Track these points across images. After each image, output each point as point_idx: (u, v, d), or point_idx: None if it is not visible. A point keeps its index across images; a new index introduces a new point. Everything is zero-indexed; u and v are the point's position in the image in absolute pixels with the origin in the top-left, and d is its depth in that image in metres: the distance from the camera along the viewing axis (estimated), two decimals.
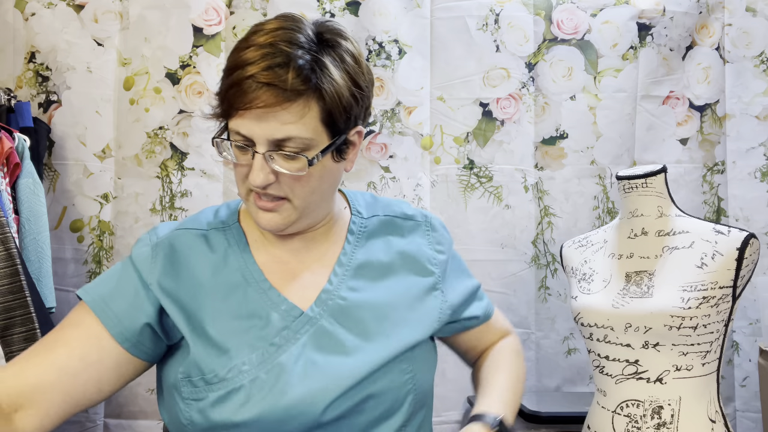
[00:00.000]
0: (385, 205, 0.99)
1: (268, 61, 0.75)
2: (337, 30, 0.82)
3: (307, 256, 0.90)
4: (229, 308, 0.84)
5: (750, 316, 2.03)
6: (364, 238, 0.93)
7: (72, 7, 1.95)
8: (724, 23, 2.06)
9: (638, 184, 1.35)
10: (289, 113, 0.76)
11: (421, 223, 0.99)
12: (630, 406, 1.26)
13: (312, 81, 0.76)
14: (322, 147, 0.80)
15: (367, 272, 0.90)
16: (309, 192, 0.83)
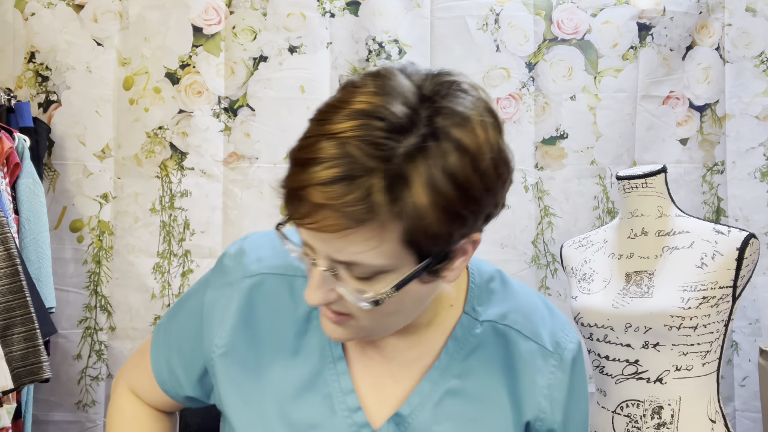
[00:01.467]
0: (512, 308, 0.73)
1: (334, 169, 0.52)
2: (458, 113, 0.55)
3: (396, 357, 0.71)
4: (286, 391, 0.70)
5: (750, 316, 2.03)
6: (469, 350, 0.71)
7: (72, 7, 1.95)
8: (724, 23, 2.06)
9: (638, 184, 1.35)
10: (358, 239, 0.55)
11: (549, 353, 0.72)
12: (630, 406, 1.26)
13: (389, 202, 0.53)
14: (405, 273, 0.58)
15: (455, 402, 0.70)
16: (382, 316, 0.63)
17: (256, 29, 1.98)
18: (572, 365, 0.74)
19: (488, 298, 0.73)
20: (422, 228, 0.55)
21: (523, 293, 0.76)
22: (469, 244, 0.60)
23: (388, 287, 0.58)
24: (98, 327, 1.94)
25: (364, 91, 0.55)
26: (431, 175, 0.53)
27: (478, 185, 0.55)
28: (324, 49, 1.99)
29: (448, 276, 0.62)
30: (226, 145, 1.97)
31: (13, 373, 1.43)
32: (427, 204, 0.53)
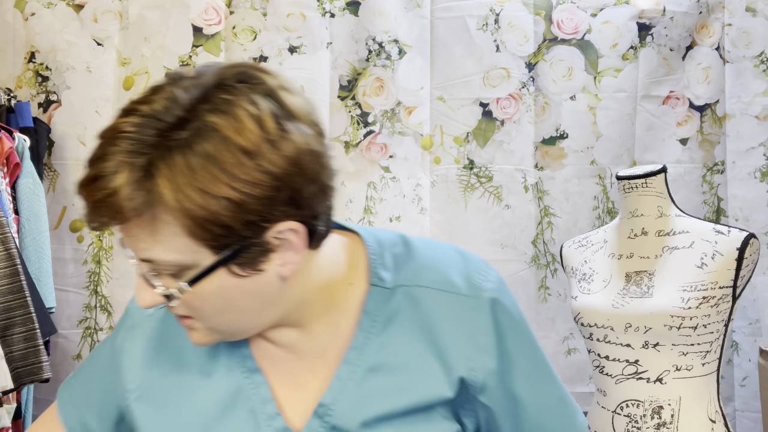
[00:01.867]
0: (420, 266, 0.71)
1: (97, 167, 0.56)
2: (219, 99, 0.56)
3: (308, 350, 0.70)
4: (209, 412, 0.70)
5: (750, 316, 2.03)
6: (384, 322, 0.69)
7: (72, 7, 1.95)
8: (724, 23, 2.06)
9: (638, 184, 1.35)
10: (141, 232, 0.58)
11: (465, 298, 0.69)
12: (630, 406, 1.26)
13: (145, 193, 0.55)
14: (202, 268, 0.59)
15: (382, 380, 0.68)
16: (214, 315, 0.63)
17: (256, 29, 1.98)
18: (493, 304, 0.69)
19: (393, 264, 0.71)
20: (200, 219, 0.56)
21: (431, 247, 0.73)
22: (289, 234, 0.59)
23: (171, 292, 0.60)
24: (98, 327, 1.94)
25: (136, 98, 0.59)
26: (190, 165, 0.54)
27: (247, 172, 0.55)
28: (324, 49, 1.99)
29: (282, 271, 0.61)
30: None
31: (13, 373, 1.43)
32: (192, 195, 0.55)
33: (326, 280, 0.68)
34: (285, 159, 0.56)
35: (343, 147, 2.00)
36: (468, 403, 0.69)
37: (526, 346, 0.71)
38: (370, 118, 2.00)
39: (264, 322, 0.66)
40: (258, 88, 0.58)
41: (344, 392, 0.68)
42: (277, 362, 0.70)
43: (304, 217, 0.60)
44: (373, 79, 2.00)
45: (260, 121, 0.56)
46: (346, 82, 2.00)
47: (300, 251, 0.61)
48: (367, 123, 2.00)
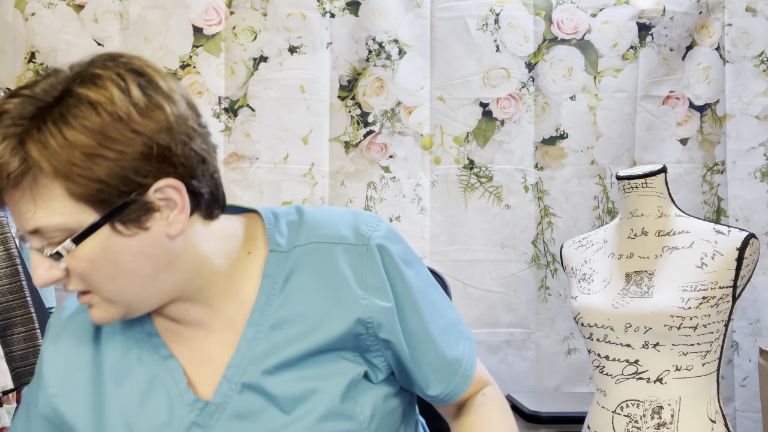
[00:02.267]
0: (313, 227, 0.76)
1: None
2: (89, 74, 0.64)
3: (213, 324, 0.74)
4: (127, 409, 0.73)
5: (750, 316, 2.03)
6: (283, 281, 0.74)
7: (72, 7, 1.95)
8: (724, 23, 2.06)
9: (638, 184, 1.35)
10: (24, 201, 0.62)
11: (354, 246, 0.74)
12: (630, 406, 1.26)
13: (21, 160, 0.60)
14: (86, 226, 0.63)
15: (285, 332, 0.72)
16: (108, 280, 0.66)
17: (256, 29, 1.98)
18: (380, 249, 0.75)
19: (288, 230, 0.76)
20: (76, 178, 0.61)
21: (323, 211, 0.79)
22: (169, 191, 0.65)
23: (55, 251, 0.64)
24: None
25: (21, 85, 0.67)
26: (61, 130, 0.60)
27: (118, 132, 0.61)
28: (324, 49, 1.99)
29: (168, 230, 0.66)
30: (227, 145, 1.97)
31: (13, 372, 1.43)
32: (60, 158, 0.60)
33: (224, 251, 0.73)
34: (152, 121, 0.63)
35: (343, 147, 2.00)
36: (372, 342, 0.74)
37: (413, 284, 0.77)
38: (370, 118, 2.00)
39: (160, 290, 0.69)
40: (124, 65, 0.65)
41: (250, 351, 0.72)
42: (189, 342, 0.74)
43: (181, 175, 0.65)
44: (373, 79, 2.00)
45: (127, 90, 0.63)
46: (346, 82, 2.01)
47: (184, 210, 0.66)
48: (367, 123, 2.00)
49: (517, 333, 2.03)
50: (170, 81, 0.67)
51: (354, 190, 1.99)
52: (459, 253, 2.02)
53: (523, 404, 1.76)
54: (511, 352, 2.03)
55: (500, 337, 2.02)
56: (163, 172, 0.64)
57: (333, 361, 0.73)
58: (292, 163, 1.97)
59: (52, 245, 0.64)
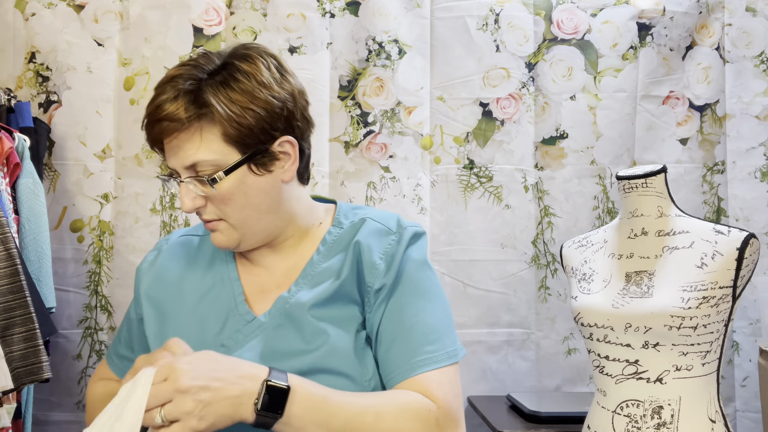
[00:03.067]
0: (368, 212, 0.97)
1: (160, 98, 0.83)
2: (241, 53, 0.86)
3: (277, 269, 0.93)
4: (198, 311, 0.91)
5: (750, 316, 2.03)
6: (335, 245, 0.93)
7: (72, 7, 1.95)
8: (724, 23, 2.06)
9: (638, 184, 1.35)
10: (188, 141, 0.83)
11: (391, 231, 0.93)
12: (630, 406, 1.26)
13: (196, 108, 0.81)
14: (233, 162, 0.84)
15: (322, 279, 0.90)
16: (239, 209, 0.86)
17: (256, 30, 1.98)
18: (410, 240, 0.92)
19: (353, 215, 0.96)
20: (231, 126, 0.82)
21: (384, 211, 0.98)
22: (287, 146, 0.87)
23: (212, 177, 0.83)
24: (98, 327, 1.94)
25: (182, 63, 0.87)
26: (228, 88, 0.83)
27: (263, 92, 0.83)
28: (324, 49, 1.99)
29: (284, 176, 0.88)
30: None
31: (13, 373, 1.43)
32: (226, 107, 0.82)
33: (306, 216, 0.94)
34: (285, 91, 0.86)
35: (343, 147, 2.00)
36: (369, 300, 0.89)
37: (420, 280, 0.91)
38: (370, 118, 2.00)
39: (266, 228, 0.90)
40: (264, 51, 0.88)
41: (297, 290, 0.89)
42: (255, 277, 0.94)
43: (296, 135, 0.88)
44: (373, 79, 2.00)
45: (269, 67, 0.86)
46: (346, 82, 2.01)
47: (295, 162, 0.89)
48: (367, 123, 2.00)
49: (517, 333, 2.03)
50: (287, 66, 0.90)
51: (354, 190, 1.99)
52: (459, 253, 2.02)
53: (523, 404, 1.76)
54: (511, 352, 2.03)
55: (500, 337, 2.02)
56: (288, 130, 0.86)
57: (348, 310, 0.88)
58: None
59: (203, 176, 0.83)
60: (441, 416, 0.81)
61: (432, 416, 0.80)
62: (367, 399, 0.80)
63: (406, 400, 0.80)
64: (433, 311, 0.89)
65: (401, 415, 0.79)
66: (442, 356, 0.85)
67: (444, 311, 0.91)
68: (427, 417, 0.80)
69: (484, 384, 2.00)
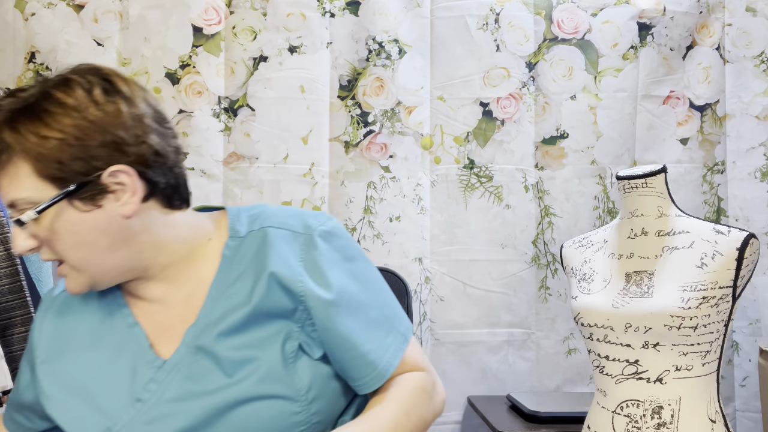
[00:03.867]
0: (267, 216, 0.88)
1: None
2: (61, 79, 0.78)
3: (173, 301, 0.85)
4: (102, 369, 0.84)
5: (750, 316, 2.03)
6: (238, 261, 0.85)
7: (72, 7, 1.95)
8: (724, 23, 2.06)
9: (638, 184, 1.35)
10: (2, 178, 0.77)
11: (299, 234, 0.85)
12: (630, 406, 1.26)
13: (2, 143, 0.76)
14: (48, 200, 0.76)
15: (233, 301, 0.83)
16: (71, 250, 0.79)
17: (256, 29, 1.98)
18: (323, 239, 0.85)
19: (249, 221, 0.88)
20: (39, 161, 0.75)
21: (282, 208, 0.91)
22: (122, 177, 0.77)
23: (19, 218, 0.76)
24: None
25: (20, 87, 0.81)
26: (30, 118, 0.75)
27: (70, 120, 0.75)
28: (324, 49, 1.99)
29: (122, 210, 0.78)
30: (226, 145, 1.97)
31: (13, 372, 1.43)
32: (32, 142, 0.75)
33: (184, 238, 0.84)
34: (108, 115, 0.76)
35: (343, 147, 2.00)
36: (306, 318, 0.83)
37: (351, 277, 0.85)
38: (370, 117, 2.00)
39: (120, 265, 0.81)
40: (96, 73, 0.79)
41: (206, 318, 0.82)
42: (153, 315, 0.86)
43: (132, 163, 0.78)
44: (373, 78, 2.00)
45: (89, 90, 0.77)
46: (346, 82, 2.00)
47: (135, 193, 0.78)
48: (367, 123, 2.00)
49: (517, 333, 2.03)
50: (134, 88, 0.81)
51: (354, 189, 1.99)
52: (459, 253, 2.02)
53: (523, 404, 1.77)
54: (511, 352, 2.02)
55: (500, 337, 2.02)
56: (117, 160, 0.77)
57: (271, 327, 0.82)
58: (292, 163, 1.97)
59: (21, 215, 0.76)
60: (431, 378, 0.89)
61: (429, 382, 0.88)
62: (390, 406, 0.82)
63: (413, 385, 0.85)
64: (378, 303, 0.88)
65: (418, 400, 0.85)
66: (401, 340, 0.88)
67: (386, 297, 0.90)
68: (429, 386, 0.88)
69: (484, 384, 2.00)
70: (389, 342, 0.86)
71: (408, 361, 0.88)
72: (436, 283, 2.01)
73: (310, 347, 0.83)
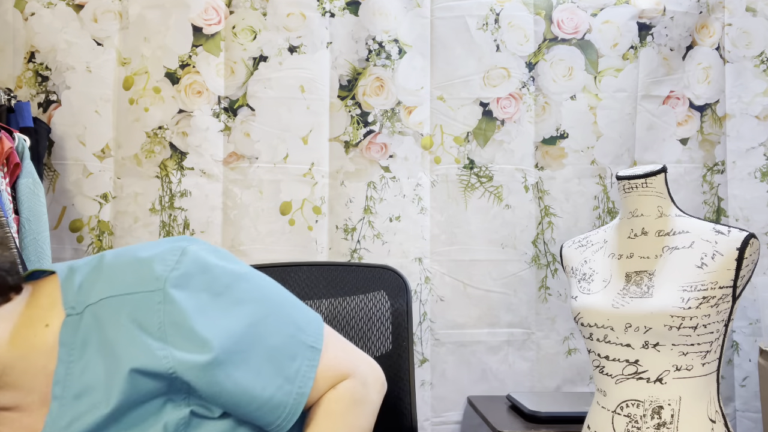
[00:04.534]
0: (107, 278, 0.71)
1: None
2: None
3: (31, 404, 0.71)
4: None
5: (750, 316, 2.03)
6: (80, 346, 0.69)
7: (71, 7, 1.95)
8: (724, 23, 2.06)
9: (638, 184, 1.35)
10: None
11: (150, 293, 0.69)
12: (630, 406, 1.26)
13: None
14: None
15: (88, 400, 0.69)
16: None
17: (256, 29, 1.98)
18: (179, 288, 0.69)
19: (82, 287, 0.71)
20: None
21: (123, 255, 0.73)
22: None
23: None
24: None
25: None
26: None
27: None
28: (324, 48, 1.99)
29: None
30: (226, 145, 1.97)
31: None
32: None
33: (19, 333, 0.69)
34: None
35: (343, 147, 2.00)
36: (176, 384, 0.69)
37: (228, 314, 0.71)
38: (370, 117, 2.00)
39: None
40: None
41: (55, 426, 0.68)
42: (14, 422, 0.71)
43: None
44: (373, 78, 2.00)
45: None
46: (346, 82, 2.00)
47: None
48: (367, 123, 2.00)
49: (517, 333, 2.03)
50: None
51: (354, 189, 1.99)
52: (459, 253, 2.02)
53: (523, 404, 1.76)
54: (511, 352, 2.02)
55: (500, 337, 2.02)
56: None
57: (144, 410, 0.70)
58: (292, 163, 1.97)
59: None
60: (360, 379, 0.79)
61: (358, 388, 0.78)
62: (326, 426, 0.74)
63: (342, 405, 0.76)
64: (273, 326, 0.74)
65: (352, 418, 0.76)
66: (310, 355, 0.76)
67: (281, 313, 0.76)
68: (359, 392, 0.78)
69: (484, 384, 2.00)
70: (295, 368, 0.74)
71: (327, 371, 0.77)
72: (436, 283, 2.01)
73: (206, 408, 0.72)
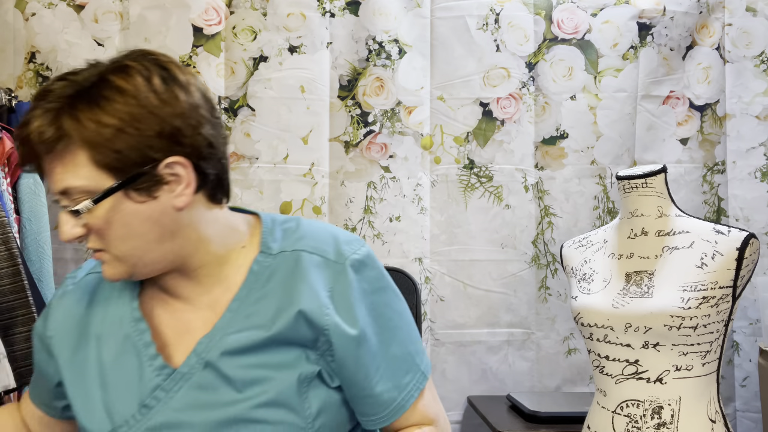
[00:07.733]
0: (301, 236, 0.85)
1: (28, 115, 0.74)
2: (119, 66, 0.75)
3: (201, 302, 0.83)
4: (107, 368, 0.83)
5: (750, 316, 2.03)
6: (265, 279, 0.82)
7: (72, 7, 1.95)
8: (724, 23, 2.06)
9: (638, 184, 1.35)
10: (56, 165, 0.74)
11: (332, 262, 0.83)
12: (630, 406, 1.27)
13: (59, 130, 0.72)
14: (104, 189, 0.74)
15: (253, 322, 0.81)
16: (120, 241, 0.76)
17: (256, 29, 1.98)
18: (356, 269, 0.82)
19: (282, 236, 0.85)
20: (98, 151, 0.72)
21: (316, 226, 0.87)
22: (178, 168, 0.75)
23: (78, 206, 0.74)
24: None
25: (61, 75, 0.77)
26: (89, 106, 0.72)
27: (130, 111, 0.73)
28: (324, 48, 1.99)
29: (175, 202, 0.76)
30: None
31: (15, 372, 1.43)
32: (90, 131, 0.72)
33: (222, 239, 0.83)
34: (164, 103, 0.74)
35: (343, 147, 2.00)
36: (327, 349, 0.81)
37: (378, 312, 0.83)
38: (370, 117, 2.00)
39: (163, 258, 0.79)
40: (153, 60, 0.77)
41: (220, 332, 0.80)
42: (175, 313, 0.84)
43: (189, 155, 0.76)
44: (373, 78, 2.00)
45: (149, 79, 0.75)
46: (346, 82, 2.01)
47: (189, 185, 0.77)
48: (367, 123, 2.00)
49: (517, 333, 2.03)
50: (189, 76, 0.78)
51: (354, 189, 1.99)
52: (459, 253, 2.02)
53: (523, 404, 1.77)
54: (511, 352, 2.03)
55: (500, 337, 2.02)
56: (174, 150, 0.75)
57: (289, 353, 0.80)
58: (292, 163, 1.97)
59: (75, 204, 0.74)
60: (440, 429, 0.88)
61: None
62: None
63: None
64: (401, 338, 0.86)
65: None
66: (420, 378, 0.87)
67: (410, 332, 0.88)
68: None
69: (484, 384, 2.01)
70: (407, 380, 0.85)
71: (422, 408, 0.87)
72: (436, 283, 2.01)
73: (329, 376, 0.82)
